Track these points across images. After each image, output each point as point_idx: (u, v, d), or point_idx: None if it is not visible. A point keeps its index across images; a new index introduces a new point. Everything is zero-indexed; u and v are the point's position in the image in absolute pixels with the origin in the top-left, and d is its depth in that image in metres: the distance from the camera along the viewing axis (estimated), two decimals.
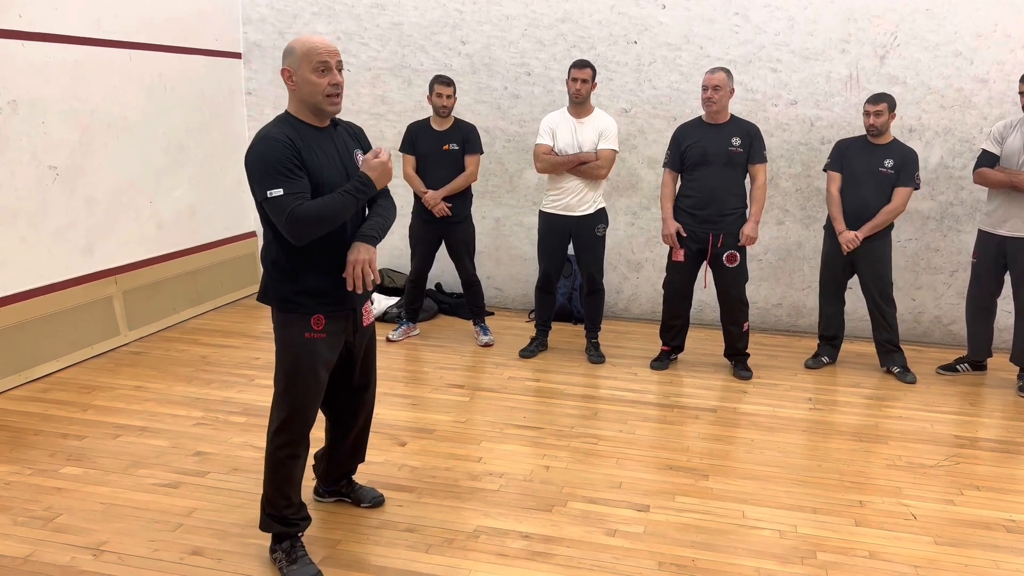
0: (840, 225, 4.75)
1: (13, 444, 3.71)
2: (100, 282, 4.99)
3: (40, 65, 4.48)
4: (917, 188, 4.71)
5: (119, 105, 5.05)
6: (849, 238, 4.70)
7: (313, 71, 2.54)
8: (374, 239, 2.68)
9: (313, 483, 3.27)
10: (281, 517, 2.78)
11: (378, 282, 2.69)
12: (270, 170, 2.48)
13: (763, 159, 4.62)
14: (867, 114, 4.64)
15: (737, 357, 4.90)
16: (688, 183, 4.69)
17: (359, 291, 2.63)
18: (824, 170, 4.94)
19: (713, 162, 4.57)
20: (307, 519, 2.86)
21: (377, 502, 3.22)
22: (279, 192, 2.47)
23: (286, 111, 2.66)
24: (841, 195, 4.77)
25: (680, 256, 4.74)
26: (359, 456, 3.20)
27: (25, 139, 4.41)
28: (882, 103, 4.59)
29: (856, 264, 4.80)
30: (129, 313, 5.22)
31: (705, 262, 4.75)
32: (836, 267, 4.87)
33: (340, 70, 2.60)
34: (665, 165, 4.80)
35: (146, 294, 5.36)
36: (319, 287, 2.65)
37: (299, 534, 2.82)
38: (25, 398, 4.25)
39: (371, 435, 3.86)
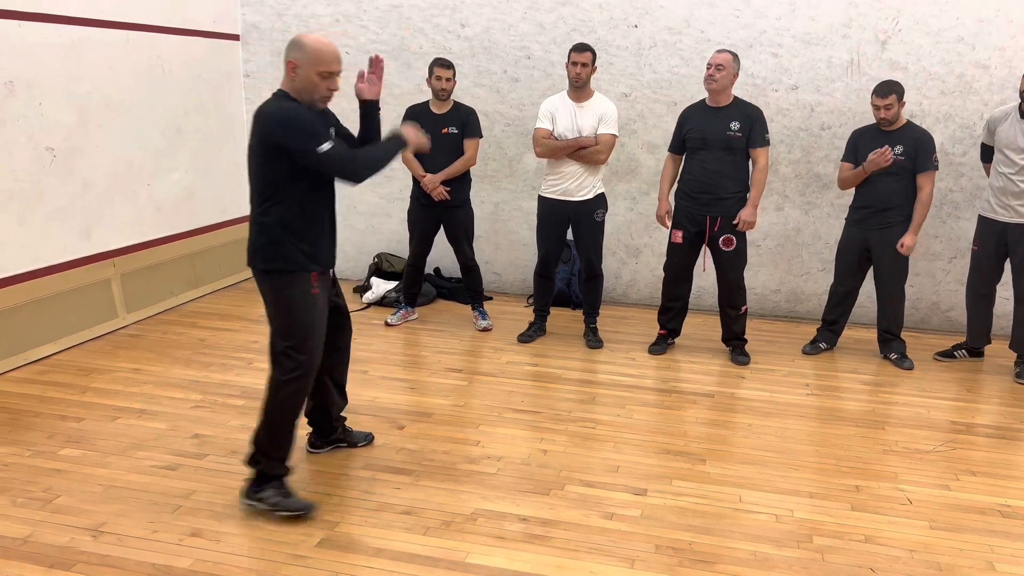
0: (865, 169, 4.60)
1: (12, 426, 3.71)
2: (98, 264, 4.98)
3: (37, 46, 4.44)
4: (936, 169, 4.63)
5: (116, 87, 5.02)
6: (886, 157, 4.49)
7: (319, 75, 2.84)
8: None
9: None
10: (284, 457, 3.01)
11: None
12: (313, 129, 2.79)
13: (764, 143, 4.57)
14: (876, 108, 4.57)
15: (734, 342, 4.90)
16: (688, 166, 4.70)
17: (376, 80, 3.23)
18: (843, 160, 4.86)
19: (712, 146, 4.55)
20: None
21: (369, 440, 3.60)
22: (328, 146, 2.78)
23: (283, 91, 2.91)
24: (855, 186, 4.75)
25: (678, 238, 4.74)
26: (345, 397, 3.52)
27: (22, 121, 4.38)
28: (891, 95, 4.50)
29: (874, 253, 4.76)
30: (127, 296, 5.21)
31: (704, 245, 4.75)
32: (853, 256, 4.83)
33: (338, 75, 2.92)
34: (669, 149, 4.84)
35: (144, 277, 5.35)
36: (319, 248, 2.98)
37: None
38: (23, 380, 4.25)
39: (369, 418, 3.92)
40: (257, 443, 2.99)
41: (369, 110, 3.28)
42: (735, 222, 4.59)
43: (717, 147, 4.55)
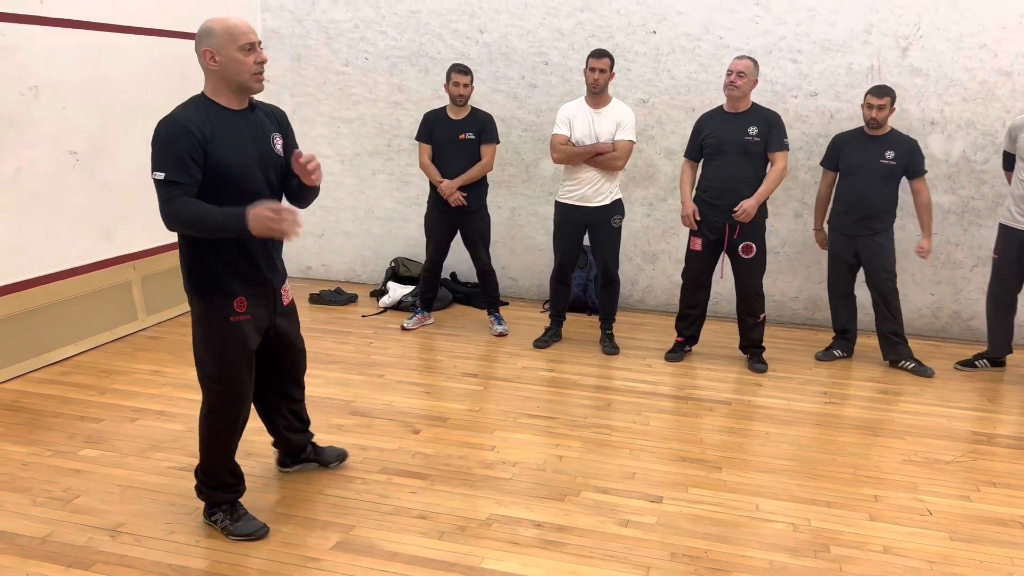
0: (818, 223, 4.94)
1: (32, 426, 3.75)
2: (119, 267, 5.03)
3: (61, 51, 4.50)
4: (926, 173, 4.75)
5: (139, 91, 5.07)
6: (821, 239, 4.96)
7: (239, 50, 2.60)
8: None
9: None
10: (223, 485, 2.91)
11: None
12: (162, 153, 2.55)
13: (783, 147, 4.54)
14: (870, 107, 4.61)
15: (752, 350, 4.87)
16: (706, 172, 4.69)
17: (316, 182, 2.74)
18: (820, 165, 4.95)
19: (729, 152, 4.54)
20: (243, 481, 2.99)
21: (342, 458, 3.40)
22: (161, 176, 2.54)
23: (202, 93, 2.70)
24: (840, 189, 4.79)
25: (697, 245, 4.73)
26: (307, 426, 3.33)
27: (46, 124, 4.44)
28: (886, 96, 4.58)
29: (864, 260, 4.78)
30: (147, 298, 5.26)
31: (723, 252, 4.73)
32: (841, 262, 4.86)
33: (260, 48, 2.68)
34: (685, 155, 4.83)
35: (164, 280, 5.39)
36: (239, 269, 2.72)
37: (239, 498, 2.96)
38: (44, 381, 4.30)
39: (386, 422, 3.93)
40: (196, 474, 2.93)
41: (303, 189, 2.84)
42: (735, 210, 4.53)
43: (735, 152, 4.53)
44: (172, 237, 5.34)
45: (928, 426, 4.07)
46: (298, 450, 3.33)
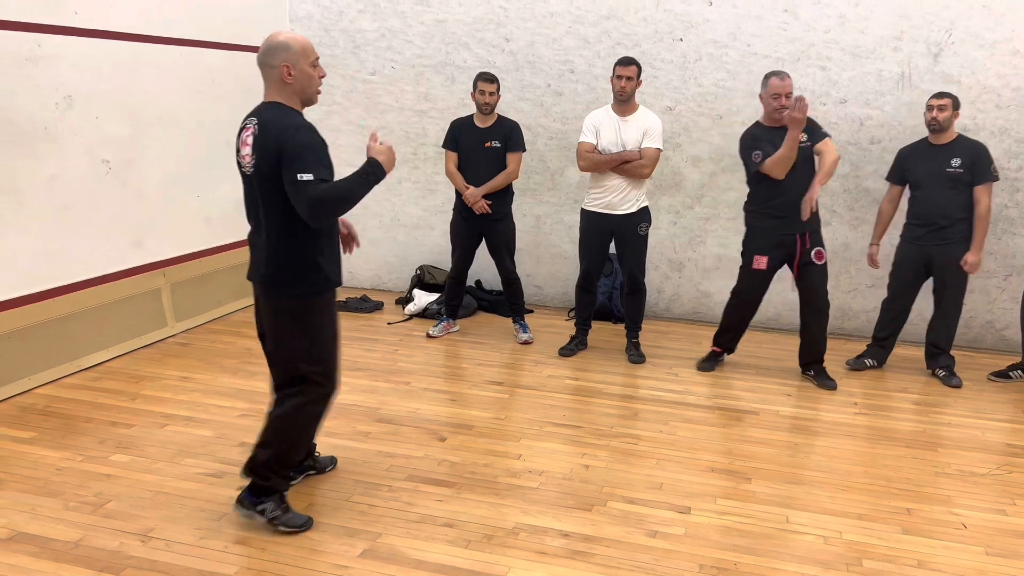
0: (875, 237, 4.84)
1: (65, 431, 3.80)
2: (149, 274, 5.09)
3: (94, 61, 4.58)
4: (997, 179, 4.58)
5: (169, 101, 5.14)
6: (874, 253, 4.85)
7: (311, 65, 2.79)
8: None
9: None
10: (287, 475, 3.04)
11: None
12: (317, 157, 2.70)
13: (826, 135, 4.44)
14: (930, 108, 4.55)
15: (816, 366, 4.72)
16: (763, 190, 4.51)
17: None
18: (886, 179, 4.89)
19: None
20: None
21: (334, 464, 3.52)
22: (309, 177, 2.65)
23: (279, 103, 2.79)
24: (910, 202, 4.71)
25: (763, 264, 4.56)
26: None
27: (79, 133, 4.52)
28: (946, 97, 4.53)
29: (936, 270, 4.68)
30: (176, 305, 5.32)
31: (793, 264, 4.55)
32: (910, 271, 4.74)
33: None
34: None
35: (193, 287, 5.46)
36: (338, 266, 2.99)
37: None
38: (77, 386, 4.36)
39: (412, 429, 3.94)
40: (267, 462, 2.94)
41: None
42: (807, 207, 4.38)
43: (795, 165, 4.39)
44: (200, 245, 5.49)
45: (962, 438, 4.00)
46: (301, 458, 3.34)
